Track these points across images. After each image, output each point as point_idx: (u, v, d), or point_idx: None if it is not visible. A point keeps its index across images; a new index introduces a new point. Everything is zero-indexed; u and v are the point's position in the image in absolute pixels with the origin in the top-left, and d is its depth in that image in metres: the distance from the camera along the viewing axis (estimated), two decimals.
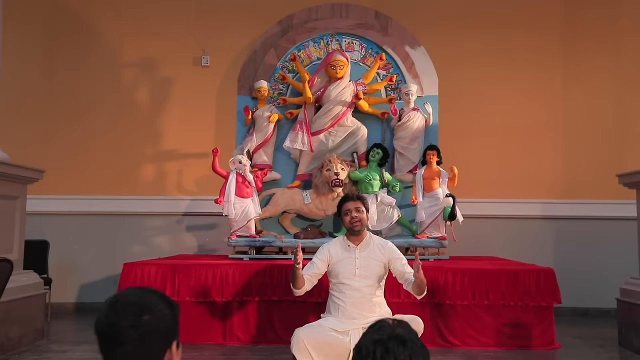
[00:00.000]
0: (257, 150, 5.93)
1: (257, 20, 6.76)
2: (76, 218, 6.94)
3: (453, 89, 6.65)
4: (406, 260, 3.88)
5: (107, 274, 6.84)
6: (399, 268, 3.78)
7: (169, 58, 7.11)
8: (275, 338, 4.91)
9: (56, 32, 7.13)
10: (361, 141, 5.98)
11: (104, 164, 7.04)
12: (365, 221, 3.86)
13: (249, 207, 5.50)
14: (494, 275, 4.97)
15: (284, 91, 6.16)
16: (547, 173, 6.92)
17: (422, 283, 3.65)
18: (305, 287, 3.83)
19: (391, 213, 5.69)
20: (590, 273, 6.63)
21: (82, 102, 7.10)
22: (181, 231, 6.97)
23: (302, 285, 3.80)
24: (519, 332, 4.88)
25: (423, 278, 3.61)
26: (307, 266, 3.91)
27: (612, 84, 6.97)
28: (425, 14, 6.96)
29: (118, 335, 1.33)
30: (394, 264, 3.79)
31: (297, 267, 3.69)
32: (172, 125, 7.09)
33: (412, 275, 3.69)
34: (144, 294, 1.41)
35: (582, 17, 7.07)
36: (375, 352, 1.34)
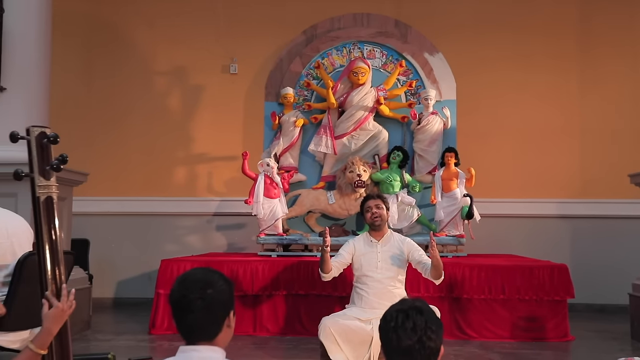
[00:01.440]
0: (284, 153, 6.27)
1: (283, 30, 7.09)
2: (113, 218, 7.35)
3: (471, 93, 6.91)
4: (424, 252, 4.15)
5: (143, 270, 7.24)
6: (416, 258, 4.05)
7: (199, 66, 7.49)
8: (302, 330, 5.23)
9: (94, 42, 7.56)
10: (382, 144, 6.28)
11: (138, 166, 7.43)
12: (385, 217, 4.15)
13: (277, 207, 5.83)
14: (510, 271, 5.23)
15: (308, 97, 6.49)
16: (563, 174, 7.14)
17: (438, 263, 3.89)
18: (333, 272, 4.11)
19: (411, 212, 5.97)
20: (605, 270, 6.81)
21: (118, 108, 7.52)
22: (211, 230, 7.34)
23: (330, 269, 4.07)
24: (534, 325, 5.13)
25: (438, 257, 3.87)
26: (334, 257, 4.20)
27: (627, 88, 7.16)
28: (443, 22, 7.22)
29: (188, 305, 1.67)
30: (412, 255, 4.06)
31: (326, 249, 3.95)
32: (202, 129, 7.47)
33: (428, 261, 3.96)
34: (207, 272, 1.75)
35: (598, 22, 7.27)
36: (398, 318, 1.66)
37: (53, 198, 2.16)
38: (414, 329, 1.65)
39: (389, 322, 1.68)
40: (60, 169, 2.16)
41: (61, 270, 2.18)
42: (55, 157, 2.21)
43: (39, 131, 2.19)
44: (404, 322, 1.66)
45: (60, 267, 2.18)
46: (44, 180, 2.16)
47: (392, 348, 1.68)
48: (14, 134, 2.16)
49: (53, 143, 2.19)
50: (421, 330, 1.65)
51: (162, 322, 5.34)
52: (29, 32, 4.96)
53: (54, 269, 2.15)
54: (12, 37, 4.85)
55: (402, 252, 4.08)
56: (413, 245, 4.14)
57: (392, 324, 1.67)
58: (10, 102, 4.91)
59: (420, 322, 1.66)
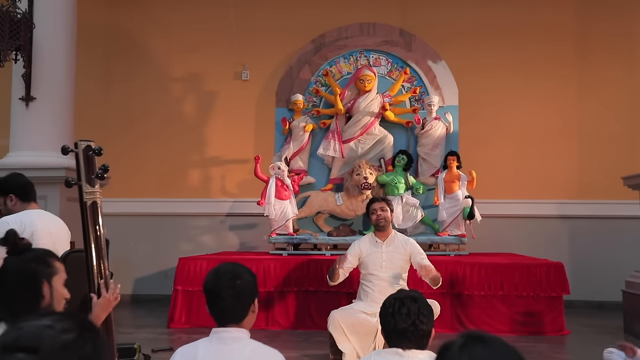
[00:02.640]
0: (294, 157, 6.58)
1: (292, 39, 7.40)
2: (131, 218, 7.68)
3: (472, 98, 7.18)
4: (425, 255, 4.44)
5: (159, 269, 7.58)
6: (418, 261, 4.36)
7: (212, 72, 7.81)
8: (312, 324, 5.54)
9: (112, 50, 7.91)
10: (388, 148, 6.58)
11: (154, 168, 7.76)
12: (389, 219, 4.45)
13: (287, 208, 6.14)
14: (508, 268, 5.53)
15: (317, 103, 6.81)
16: (562, 176, 7.40)
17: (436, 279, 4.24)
18: (340, 278, 4.44)
19: (415, 213, 6.27)
20: (603, 268, 7.07)
21: (135, 113, 7.85)
22: (224, 230, 7.66)
23: (338, 278, 4.41)
24: (531, 320, 5.42)
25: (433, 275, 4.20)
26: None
27: (624, 93, 7.42)
28: (446, 30, 7.50)
29: (220, 294, 1.99)
30: (414, 257, 4.37)
31: (339, 268, 4.30)
32: (215, 133, 7.79)
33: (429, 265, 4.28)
34: (235, 266, 2.07)
35: (595, 29, 7.53)
36: (395, 305, 1.99)
37: (97, 203, 2.50)
38: (408, 314, 1.97)
39: (388, 309, 2.01)
40: (104, 177, 2.50)
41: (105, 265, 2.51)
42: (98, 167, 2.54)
43: (85, 144, 2.52)
44: (400, 309, 1.98)
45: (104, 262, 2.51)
46: (90, 188, 2.49)
47: (390, 330, 2.01)
48: (65, 147, 2.49)
49: (97, 155, 2.53)
50: (414, 315, 1.98)
51: (180, 317, 5.67)
52: (57, 46, 5.31)
53: (99, 264, 2.48)
54: (42, 50, 5.20)
55: (405, 253, 4.38)
56: (416, 247, 4.42)
57: (390, 310, 2.00)
58: (40, 111, 5.27)
59: (414, 308, 1.98)
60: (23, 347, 0.94)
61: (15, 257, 1.98)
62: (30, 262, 1.97)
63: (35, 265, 1.97)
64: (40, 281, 1.96)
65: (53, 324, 0.98)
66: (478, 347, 1.01)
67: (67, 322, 1.00)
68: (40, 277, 1.96)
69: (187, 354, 1.94)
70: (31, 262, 1.97)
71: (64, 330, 0.98)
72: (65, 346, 0.96)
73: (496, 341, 1.02)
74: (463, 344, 1.02)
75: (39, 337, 0.96)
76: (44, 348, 0.94)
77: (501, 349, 1.00)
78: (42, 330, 0.97)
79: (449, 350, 1.01)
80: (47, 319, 1.00)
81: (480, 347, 1.01)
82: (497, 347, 1.01)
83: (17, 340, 0.95)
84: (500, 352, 0.99)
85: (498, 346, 1.01)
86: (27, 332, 0.96)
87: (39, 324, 0.98)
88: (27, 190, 3.19)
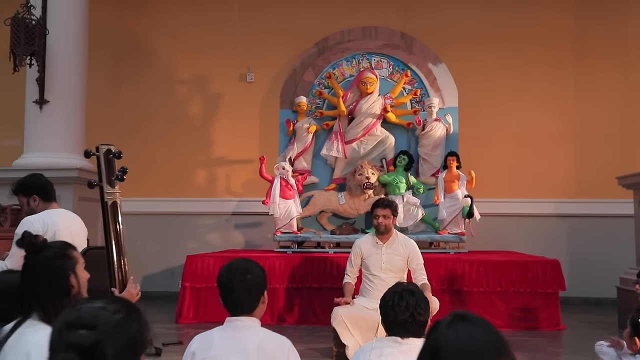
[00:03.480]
0: (298, 157, 6.76)
1: (296, 42, 7.57)
2: (139, 217, 7.84)
3: (472, 100, 7.35)
4: (422, 262, 4.56)
5: (166, 266, 7.76)
6: (413, 266, 4.53)
7: (217, 75, 7.99)
8: (315, 320, 5.72)
9: (120, 53, 8.09)
10: (389, 149, 6.76)
11: (161, 169, 7.94)
12: (390, 226, 4.57)
13: (292, 207, 6.32)
14: (506, 265, 5.70)
15: (320, 105, 6.99)
16: (560, 175, 7.57)
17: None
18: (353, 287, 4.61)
19: (416, 212, 6.45)
20: (600, 265, 7.21)
21: (142, 114, 8.03)
22: (230, 229, 7.84)
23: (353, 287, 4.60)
24: (528, 316, 5.60)
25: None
26: (348, 266, 4.66)
27: (620, 94, 7.58)
28: (446, 33, 7.66)
29: (233, 287, 2.17)
30: (411, 261, 4.54)
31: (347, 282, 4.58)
32: (221, 134, 7.97)
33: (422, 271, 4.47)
34: (246, 262, 2.25)
35: (592, 32, 7.69)
36: (394, 298, 2.17)
37: (117, 202, 2.69)
38: (407, 306, 2.15)
39: (387, 302, 2.19)
40: (124, 179, 2.69)
41: (125, 261, 2.70)
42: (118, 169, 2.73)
43: (106, 148, 2.71)
44: (399, 302, 2.16)
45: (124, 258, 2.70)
46: (110, 189, 2.68)
47: (390, 322, 2.20)
48: (88, 151, 2.69)
49: (117, 158, 2.72)
50: (412, 308, 2.16)
51: (188, 312, 5.85)
52: (69, 51, 5.51)
53: (120, 260, 2.67)
54: (55, 55, 5.39)
55: (404, 255, 4.54)
56: (414, 250, 4.55)
57: (390, 303, 2.18)
58: (53, 114, 5.46)
59: (412, 301, 2.17)
60: (83, 324, 1.14)
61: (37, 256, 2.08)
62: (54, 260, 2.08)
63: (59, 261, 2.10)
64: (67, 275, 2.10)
65: (106, 305, 1.19)
66: (463, 324, 1.16)
67: (117, 305, 1.20)
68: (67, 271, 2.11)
69: (204, 341, 2.12)
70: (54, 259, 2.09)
71: (116, 311, 1.18)
72: (117, 324, 1.17)
73: (479, 320, 1.19)
74: (450, 322, 1.17)
75: (96, 317, 1.16)
76: (101, 326, 1.15)
77: (483, 326, 1.17)
78: (98, 311, 1.17)
79: (437, 328, 1.18)
80: (100, 302, 1.20)
81: (464, 325, 1.15)
82: (479, 325, 1.17)
83: (78, 319, 1.15)
84: (482, 329, 1.15)
85: (480, 324, 1.18)
86: (86, 313, 1.16)
87: (94, 306, 1.18)
88: (48, 191, 3.37)
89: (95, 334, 1.15)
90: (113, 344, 1.17)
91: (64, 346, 1.13)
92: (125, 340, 1.19)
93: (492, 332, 1.16)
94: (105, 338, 1.16)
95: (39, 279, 2.02)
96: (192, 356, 2.11)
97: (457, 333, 1.14)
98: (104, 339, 1.16)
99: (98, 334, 1.15)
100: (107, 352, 1.15)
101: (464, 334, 1.13)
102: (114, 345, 1.17)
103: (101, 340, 1.16)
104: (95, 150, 2.69)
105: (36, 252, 2.03)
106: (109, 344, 1.16)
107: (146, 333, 1.23)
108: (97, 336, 1.15)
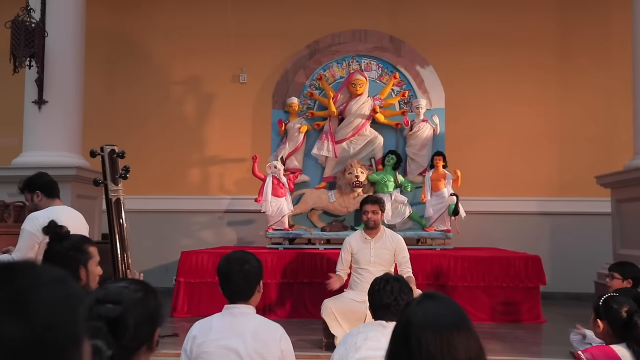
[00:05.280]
0: (289, 156, 6.96)
1: (288, 44, 7.76)
2: (133, 215, 7.95)
3: (458, 101, 7.57)
4: (408, 256, 4.81)
5: (160, 263, 7.92)
6: (399, 260, 4.77)
7: (211, 75, 8.16)
8: (306, 313, 5.90)
9: (116, 54, 8.24)
10: (378, 148, 6.98)
11: (155, 167, 8.09)
12: (379, 221, 4.82)
13: (283, 205, 6.51)
14: (489, 261, 5.93)
15: (311, 106, 7.19)
16: (543, 174, 7.82)
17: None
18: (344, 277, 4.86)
19: (403, 210, 6.66)
20: (580, 261, 7.43)
21: (138, 114, 8.19)
22: (223, 226, 8.02)
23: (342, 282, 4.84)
24: (510, 309, 5.82)
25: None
26: (339, 263, 4.90)
27: (602, 96, 7.83)
28: (434, 37, 7.87)
29: (231, 276, 2.37)
30: (397, 255, 4.77)
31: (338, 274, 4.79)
32: (214, 134, 8.15)
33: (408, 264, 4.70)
34: (244, 253, 2.45)
35: (576, 35, 7.94)
36: (380, 283, 2.39)
37: (121, 199, 2.88)
38: (392, 291, 2.38)
39: (374, 286, 2.41)
40: (127, 177, 2.88)
41: (128, 255, 2.89)
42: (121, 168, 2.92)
43: (110, 148, 2.90)
44: (384, 286, 2.38)
45: (127, 252, 2.89)
46: (114, 186, 2.87)
47: (376, 305, 2.41)
48: (93, 151, 2.87)
49: (121, 157, 2.91)
50: (397, 292, 2.38)
51: (183, 307, 6.03)
52: (68, 53, 5.66)
53: (123, 254, 2.86)
54: (53, 57, 5.55)
55: (392, 249, 4.77)
56: (401, 244, 4.79)
57: (376, 287, 2.41)
58: (51, 114, 5.62)
59: (396, 286, 2.39)
60: (110, 300, 1.36)
61: (57, 244, 2.34)
62: (70, 250, 2.32)
63: (74, 252, 2.32)
64: (78, 267, 2.31)
65: (129, 285, 1.41)
66: (431, 302, 1.34)
67: (138, 285, 1.42)
68: (78, 263, 2.32)
69: (204, 326, 2.32)
70: (70, 250, 2.32)
71: (137, 290, 1.41)
72: (138, 301, 1.39)
73: (445, 299, 1.39)
74: (420, 300, 1.35)
75: (120, 294, 1.38)
76: (125, 301, 1.36)
77: (448, 304, 1.37)
78: (122, 290, 1.39)
79: (409, 305, 1.38)
80: (124, 282, 1.41)
81: (431, 302, 1.33)
82: (445, 303, 1.36)
83: (106, 296, 1.38)
84: (446, 307, 1.35)
85: (446, 302, 1.37)
86: (112, 290, 1.38)
87: (119, 286, 1.40)
88: (51, 188, 3.55)
89: (120, 308, 1.37)
90: (134, 316, 1.39)
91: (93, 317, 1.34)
92: (144, 314, 1.41)
93: (455, 310, 1.36)
94: (128, 311, 1.39)
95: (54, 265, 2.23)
96: (192, 340, 2.31)
97: (425, 309, 1.34)
98: (127, 312, 1.38)
99: (123, 308, 1.37)
100: (129, 323, 1.37)
101: (431, 310, 1.33)
102: (135, 318, 1.39)
103: (125, 313, 1.38)
104: (100, 150, 2.87)
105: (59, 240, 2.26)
106: (131, 317, 1.38)
107: (161, 310, 1.44)
108: (121, 310, 1.38)
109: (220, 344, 2.24)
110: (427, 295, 1.39)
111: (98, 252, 2.91)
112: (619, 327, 2.44)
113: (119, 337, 1.35)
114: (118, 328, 1.35)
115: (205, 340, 2.27)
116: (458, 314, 1.36)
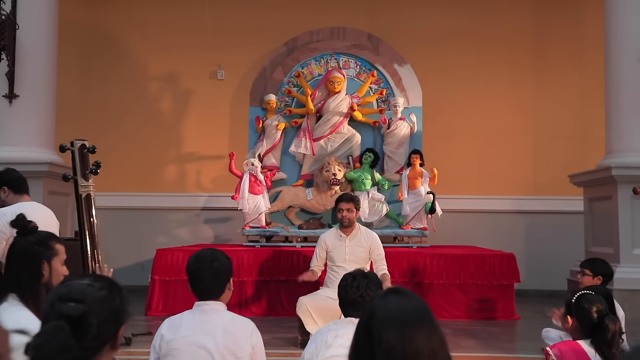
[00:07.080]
0: (267, 154, 6.93)
1: (266, 41, 7.72)
2: (108, 212, 7.87)
3: (435, 99, 7.60)
4: (383, 253, 4.85)
5: (136, 260, 7.83)
6: (374, 257, 4.80)
7: (188, 72, 8.09)
8: (283, 311, 5.89)
9: (91, 50, 8.11)
10: (355, 146, 6.99)
11: (132, 164, 8.00)
12: (354, 219, 4.85)
13: (260, 202, 6.48)
14: (465, 259, 5.98)
15: (289, 103, 7.16)
16: (518, 173, 7.91)
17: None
18: (318, 273, 4.88)
19: (381, 207, 6.68)
20: (555, 259, 7.53)
21: (114, 111, 8.08)
22: (199, 223, 7.96)
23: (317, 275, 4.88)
24: (485, 306, 5.88)
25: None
26: (313, 259, 4.92)
27: (575, 94, 7.95)
28: (411, 35, 7.90)
29: (200, 274, 2.35)
30: (372, 252, 4.80)
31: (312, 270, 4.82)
32: (191, 131, 8.08)
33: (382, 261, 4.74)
34: (213, 251, 2.43)
35: (550, 34, 8.05)
36: (348, 279, 2.38)
37: (91, 195, 2.83)
38: (358, 287, 2.37)
39: (342, 282, 2.41)
40: (97, 172, 2.83)
41: (98, 251, 2.84)
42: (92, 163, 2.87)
43: (80, 144, 2.85)
44: (351, 282, 2.38)
45: (97, 248, 2.84)
46: (84, 182, 2.82)
47: (343, 301, 2.41)
48: (63, 146, 2.82)
49: (91, 153, 2.86)
50: (363, 289, 2.37)
51: (158, 305, 5.97)
52: (40, 46, 5.56)
53: (93, 250, 2.81)
54: (25, 49, 5.45)
55: (366, 247, 4.79)
56: (376, 242, 4.83)
57: (344, 284, 2.40)
58: (23, 108, 5.51)
59: (363, 282, 2.38)
60: (73, 298, 1.32)
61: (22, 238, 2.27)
62: (34, 245, 2.26)
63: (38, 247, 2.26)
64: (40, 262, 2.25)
65: (92, 282, 1.37)
66: (394, 296, 1.35)
67: (102, 282, 1.39)
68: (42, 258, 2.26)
69: (174, 323, 2.29)
70: (34, 245, 2.26)
71: (101, 287, 1.37)
72: (102, 299, 1.36)
73: (410, 294, 1.39)
74: (384, 294, 1.37)
75: (84, 292, 1.34)
76: (88, 299, 1.33)
77: (411, 298, 1.37)
78: (85, 287, 1.36)
79: (374, 299, 1.39)
80: (87, 279, 1.38)
81: (395, 296, 1.35)
82: (408, 297, 1.37)
83: (68, 294, 1.34)
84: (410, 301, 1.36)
85: (410, 297, 1.38)
86: (75, 288, 1.35)
87: (82, 283, 1.37)
88: (19, 184, 3.47)
89: (83, 306, 1.33)
90: (98, 315, 1.35)
91: (55, 315, 1.30)
92: (108, 312, 1.37)
93: (417, 303, 1.36)
94: (92, 310, 1.34)
95: (18, 260, 2.20)
96: (161, 338, 2.29)
97: (388, 303, 1.34)
98: (90, 311, 1.34)
99: (85, 307, 1.33)
100: (92, 322, 1.34)
101: (394, 304, 1.34)
102: (99, 317, 1.35)
103: (88, 312, 1.34)
104: (70, 145, 2.82)
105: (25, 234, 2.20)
106: (94, 315, 1.34)
107: (126, 307, 1.41)
108: (84, 308, 1.34)
109: (190, 340, 2.22)
110: (392, 290, 1.40)
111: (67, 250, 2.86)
112: (588, 326, 2.49)
113: (81, 337, 1.31)
114: (80, 327, 1.32)
115: (175, 337, 2.24)
116: (421, 308, 1.36)
